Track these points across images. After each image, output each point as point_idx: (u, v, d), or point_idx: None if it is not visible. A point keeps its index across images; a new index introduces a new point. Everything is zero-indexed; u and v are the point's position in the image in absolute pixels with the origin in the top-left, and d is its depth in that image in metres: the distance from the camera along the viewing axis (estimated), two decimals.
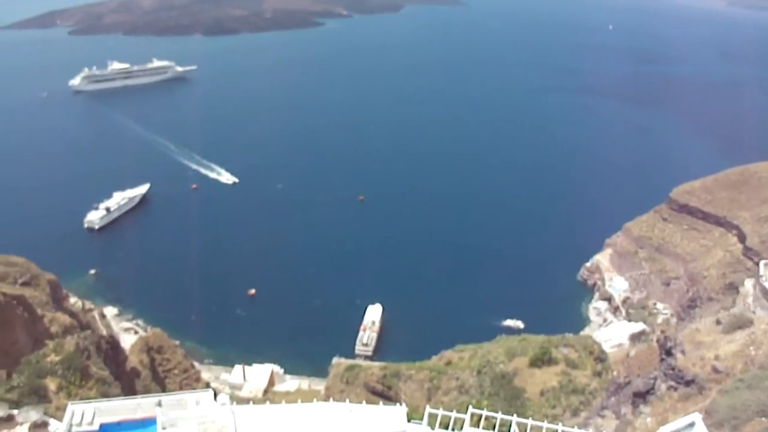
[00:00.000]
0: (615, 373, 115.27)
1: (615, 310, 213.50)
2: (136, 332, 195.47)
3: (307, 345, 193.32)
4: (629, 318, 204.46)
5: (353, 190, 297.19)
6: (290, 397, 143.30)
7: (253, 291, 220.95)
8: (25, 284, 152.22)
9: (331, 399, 65.69)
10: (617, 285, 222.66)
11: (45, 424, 46.73)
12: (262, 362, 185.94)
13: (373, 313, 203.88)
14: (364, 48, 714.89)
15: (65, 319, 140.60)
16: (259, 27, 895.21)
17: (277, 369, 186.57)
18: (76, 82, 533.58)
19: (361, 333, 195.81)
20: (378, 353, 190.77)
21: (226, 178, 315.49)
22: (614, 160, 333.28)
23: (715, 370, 79.35)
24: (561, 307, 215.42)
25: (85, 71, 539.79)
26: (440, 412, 52.76)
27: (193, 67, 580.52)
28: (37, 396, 77.72)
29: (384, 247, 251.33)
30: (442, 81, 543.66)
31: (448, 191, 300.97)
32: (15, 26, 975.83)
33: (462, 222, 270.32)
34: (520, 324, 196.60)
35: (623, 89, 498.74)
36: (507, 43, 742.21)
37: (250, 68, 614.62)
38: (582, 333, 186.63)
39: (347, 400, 57.07)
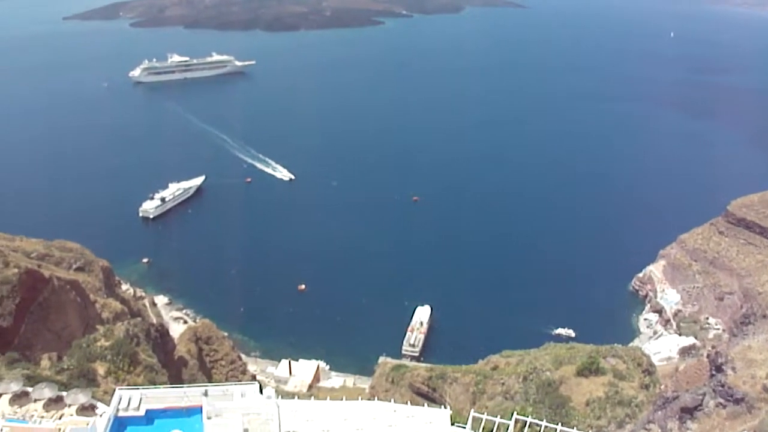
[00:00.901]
0: (663, 386, 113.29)
1: (666, 323, 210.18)
2: (185, 322, 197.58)
3: (354, 343, 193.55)
4: (680, 331, 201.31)
5: (408, 190, 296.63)
6: (335, 393, 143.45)
7: (303, 286, 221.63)
8: (79, 269, 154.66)
9: (375, 398, 65.48)
10: (669, 297, 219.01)
11: (92, 407, 47.25)
12: (308, 358, 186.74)
13: (422, 314, 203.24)
14: (423, 48, 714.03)
15: (116, 305, 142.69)
16: (318, 24, 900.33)
17: (323, 365, 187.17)
18: (136, 73, 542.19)
19: (408, 333, 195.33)
20: (425, 354, 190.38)
21: (283, 174, 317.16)
22: (671, 170, 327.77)
23: (766, 389, 77.62)
24: (611, 317, 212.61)
25: (146, 63, 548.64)
26: (484, 416, 52.22)
27: (252, 62, 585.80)
28: (86, 379, 78.72)
29: (436, 249, 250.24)
30: (498, 84, 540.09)
31: (503, 195, 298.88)
32: (79, 17, 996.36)
33: (515, 227, 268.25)
34: (571, 332, 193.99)
35: (682, 98, 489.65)
36: (565, 47, 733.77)
37: (309, 65, 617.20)
38: (631, 344, 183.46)
39: (392, 400, 56.81)
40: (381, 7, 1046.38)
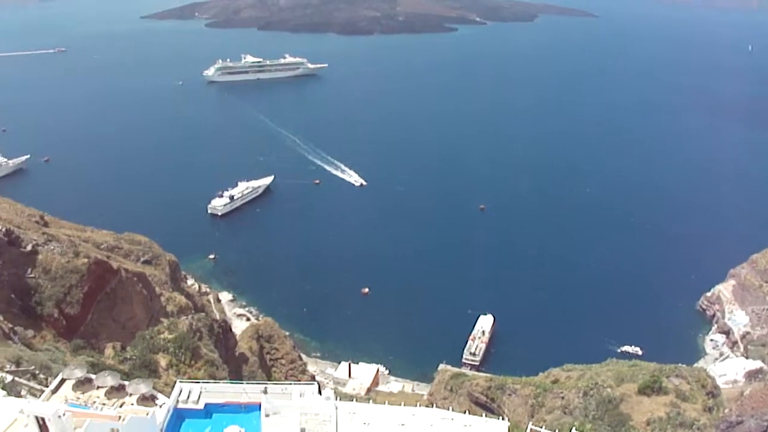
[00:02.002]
0: (727, 410, 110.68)
1: (733, 345, 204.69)
2: (248, 319, 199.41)
3: (415, 348, 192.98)
4: (747, 354, 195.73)
5: (475, 198, 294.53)
6: (393, 398, 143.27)
7: (366, 290, 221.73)
8: (146, 263, 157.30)
9: (434, 405, 65.11)
10: (737, 319, 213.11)
11: (153, 398, 47.65)
12: (368, 361, 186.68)
13: (484, 323, 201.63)
14: (495, 55, 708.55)
15: (181, 299, 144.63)
16: (391, 29, 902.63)
17: (383, 369, 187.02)
18: (210, 72, 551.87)
19: (470, 342, 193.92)
20: (485, 364, 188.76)
21: (354, 179, 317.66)
22: (745, 187, 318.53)
23: None
24: (676, 336, 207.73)
25: (219, 63, 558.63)
26: (542, 430, 51.40)
27: (325, 65, 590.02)
28: (148, 370, 79.99)
29: (501, 258, 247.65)
30: (569, 92, 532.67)
31: (571, 206, 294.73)
32: (156, 16, 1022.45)
33: (582, 239, 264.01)
34: (638, 350, 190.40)
35: (758, 113, 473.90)
36: (638, 58, 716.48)
37: (381, 69, 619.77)
38: (696, 365, 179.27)
39: (450, 408, 56.35)
40: (454, 13, 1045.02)
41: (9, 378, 47.58)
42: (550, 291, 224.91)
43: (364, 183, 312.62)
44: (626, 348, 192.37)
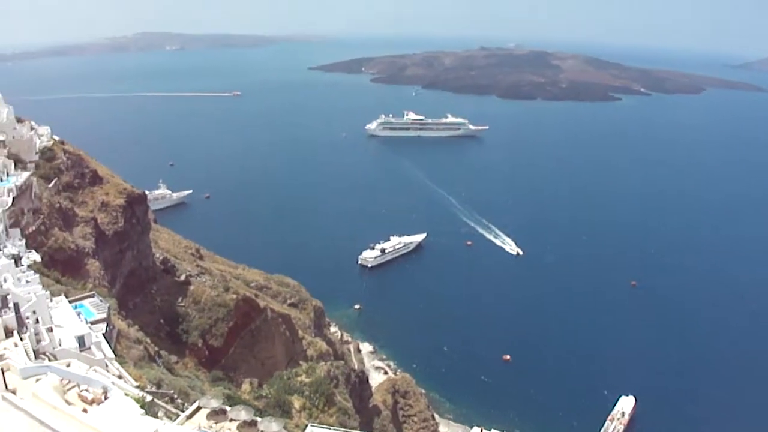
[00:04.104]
0: None
1: None
2: (385, 372, 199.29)
3: (550, 422, 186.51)
4: None
5: (628, 273, 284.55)
6: None
7: (508, 357, 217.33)
8: (292, 305, 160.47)
9: None
10: None
11: None
12: (500, 429, 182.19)
13: (625, 404, 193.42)
14: (660, 128, 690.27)
15: (322, 345, 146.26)
16: (554, 95, 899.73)
17: None
18: (372, 126, 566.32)
19: (607, 422, 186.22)
20: None
21: (510, 247, 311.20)
22: None
23: None
24: None
25: (382, 118, 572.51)
26: None
27: (486, 127, 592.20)
28: (281, 410, 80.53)
29: (648, 338, 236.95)
30: (734, 170, 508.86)
31: (727, 290, 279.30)
32: (323, 68, 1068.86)
33: (739, 325, 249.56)
34: None
35: None
36: None
37: (541, 135, 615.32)
38: None
39: None
40: (619, 83, 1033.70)
41: (149, 398, 48.77)
42: (699, 377, 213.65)
43: (521, 252, 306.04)
44: None
